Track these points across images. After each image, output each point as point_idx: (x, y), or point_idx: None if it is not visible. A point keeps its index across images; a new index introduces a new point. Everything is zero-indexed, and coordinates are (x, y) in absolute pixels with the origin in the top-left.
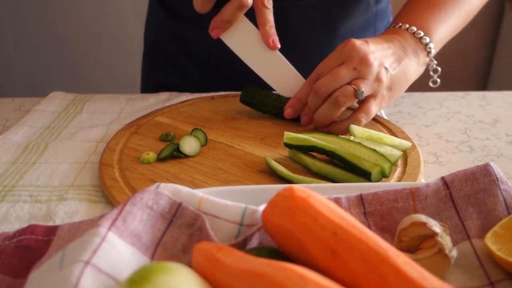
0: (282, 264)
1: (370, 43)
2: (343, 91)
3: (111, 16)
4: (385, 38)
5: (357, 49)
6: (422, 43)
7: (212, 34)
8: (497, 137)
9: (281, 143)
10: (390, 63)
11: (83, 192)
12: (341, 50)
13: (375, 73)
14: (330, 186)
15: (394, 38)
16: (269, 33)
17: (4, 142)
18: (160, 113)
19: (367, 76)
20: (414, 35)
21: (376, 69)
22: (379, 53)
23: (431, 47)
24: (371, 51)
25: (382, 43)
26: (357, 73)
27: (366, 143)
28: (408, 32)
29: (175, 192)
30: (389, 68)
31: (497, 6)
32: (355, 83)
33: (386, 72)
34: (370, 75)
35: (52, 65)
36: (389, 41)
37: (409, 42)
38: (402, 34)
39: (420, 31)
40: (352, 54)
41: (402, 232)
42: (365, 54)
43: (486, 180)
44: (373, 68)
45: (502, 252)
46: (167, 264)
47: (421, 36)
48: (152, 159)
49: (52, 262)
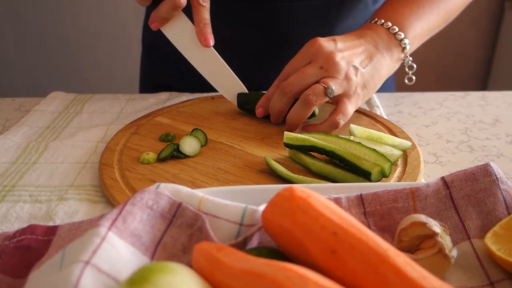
0: (282, 264)
1: (338, 41)
2: (313, 90)
3: (111, 16)
4: (356, 35)
5: (323, 48)
6: (397, 38)
7: (152, 26)
8: (497, 137)
9: (281, 143)
10: (360, 60)
11: (83, 192)
12: (307, 49)
13: (343, 71)
14: (330, 186)
15: (367, 34)
16: (203, 31)
17: (4, 142)
18: (160, 113)
19: (335, 75)
20: (389, 30)
21: (344, 68)
22: (347, 52)
23: (406, 43)
24: (338, 50)
25: (353, 40)
26: (324, 72)
27: (366, 143)
28: (383, 27)
29: (175, 192)
30: (358, 66)
31: (497, 6)
32: (324, 81)
33: (356, 70)
34: (338, 73)
35: (52, 65)
36: (361, 37)
37: (382, 38)
38: (376, 30)
39: (395, 26)
40: (318, 53)
41: (402, 232)
42: (331, 53)
43: (486, 180)
44: (340, 66)
45: (502, 252)
46: (167, 264)
47: (395, 32)
48: (152, 159)
49: (52, 262)
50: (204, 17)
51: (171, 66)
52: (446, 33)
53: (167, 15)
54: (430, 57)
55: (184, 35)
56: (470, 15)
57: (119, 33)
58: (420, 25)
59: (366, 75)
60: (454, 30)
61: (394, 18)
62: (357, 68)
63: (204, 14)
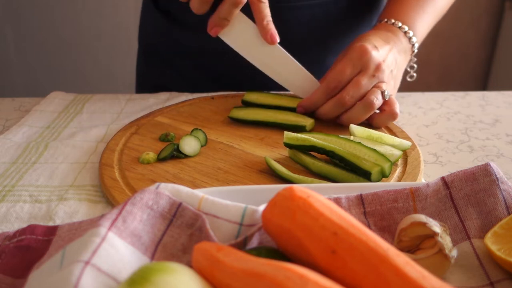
0: (282, 264)
1: (379, 48)
2: (374, 94)
3: (111, 16)
4: (383, 39)
5: (374, 58)
6: (411, 43)
7: (211, 32)
8: (497, 137)
9: (281, 143)
10: (394, 65)
11: (83, 192)
12: (358, 58)
13: (387, 77)
14: (330, 186)
15: (390, 39)
16: (267, 28)
17: (4, 142)
18: (160, 113)
19: (384, 80)
20: (405, 34)
21: (387, 74)
22: (387, 59)
23: (416, 46)
24: (383, 59)
25: (384, 46)
26: (376, 79)
27: (366, 143)
28: (400, 30)
29: (175, 192)
30: (393, 70)
31: (497, 6)
32: (379, 85)
33: (391, 73)
34: (386, 79)
35: (52, 65)
36: (388, 42)
37: (402, 42)
38: (396, 33)
39: (410, 30)
40: (369, 63)
41: (402, 232)
42: (380, 63)
43: (486, 180)
44: (386, 73)
45: (502, 252)
46: (167, 264)
47: (410, 36)
48: (152, 159)
49: (52, 262)
50: (266, 13)
51: (168, 66)
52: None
53: (227, 15)
54: (430, 57)
55: (246, 36)
56: (470, 15)
57: (119, 33)
58: (424, 29)
59: (396, 76)
60: (455, 30)
61: (406, 20)
62: (392, 72)
63: (265, 11)
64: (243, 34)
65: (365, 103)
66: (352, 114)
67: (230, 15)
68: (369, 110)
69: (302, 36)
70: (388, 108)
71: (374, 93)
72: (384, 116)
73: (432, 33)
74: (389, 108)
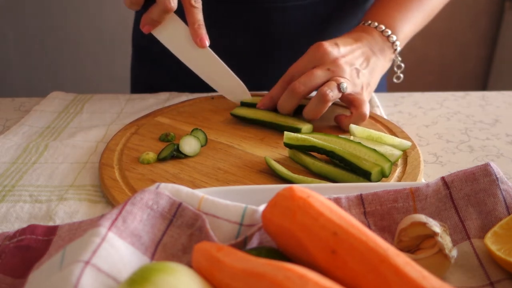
0: (282, 264)
1: (340, 45)
2: (328, 86)
3: (111, 16)
4: (354, 38)
5: (329, 53)
6: (389, 41)
7: (143, 30)
8: (497, 137)
9: (281, 143)
10: (360, 62)
11: (83, 192)
12: (313, 54)
13: (348, 73)
14: (330, 186)
15: (363, 37)
16: (197, 32)
17: (4, 142)
18: (160, 113)
19: (342, 75)
20: (382, 33)
21: (348, 70)
22: (349, 56)
23: (397, 44)
24: (342, 55)
25: (352, 44)
26: (331, 73)
27: (366, 143)
28: (377, 30)
29: (175, 192)
30: (359, 68)
31: (497, 6)
32: (335, 79)
33: (357, 71)
34: (344, 74)
35: (52, 65)
36: (358, 41)
37: (377, 41)
38: (371, 33)
39: (388, 29)
40: (324, 58)
41: (402, 232)
42: (336, 58)
43: (486, 180)
44: (345, 68)
45: (502, 252)
46: (167, 264)
47: (388, 35)
48: (152, 159)
49: (52, 262)
50: (197, 18)
51: (161, 67)
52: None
53: (158, 18)
54: (430, 57)
55: (178, 37)
56: (470, 15)
57: (119, 33)
58: (408, 27)
59: (366, 75)
60: (454, 30)
61: (386, 21)
62: (359, 69)
63: (197, 15)
64: (176, 34)
65: (319, 95)
66: (308, 107)
67: (160, 19)
68: (323, 101)
69: (291, 37)
70: (355, 110)
71: (328, 85)
72: (352, 119)
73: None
74: (356, 111)
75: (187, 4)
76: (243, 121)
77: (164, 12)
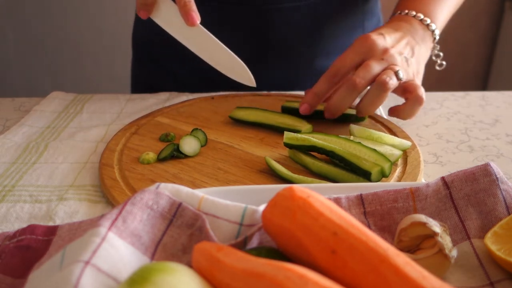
0: (282, 264)
1: (386, 35)
2: (386, 73)
3: (111, 16)
4: (394, 28)
5: (377, 44)
6: (429, 29)
7: (140, 15)
8: (497, 137)
9: (281, 143)
10: (407, 52)
11: (83, 192)
12: (359, 46)
13: (399, 63)
14: (330, 186)
15: (403, 27)
16: (184, 9)
17: (4, 142)
18: (160, 113)
19: (396, 63)
20: (422, 22)
21: (399, 59)
22: (397, 46)
23: (436, 33)
24: (390, 45)
25: (395, 34)
26: (385, 62)
27: (366, 143)
28: (415, 19)
29: (175, 192)
30: (408, 57)
31: (497, 6)
32: (391, 67)
33: (407, 60)
34: (397, 62)
35: (52, 65)
36: (399, 30)
37: (417, 29)
38: (410, 22)
39: (426, 18)
40: (374, 49)
41: (402, 232)
42: (386, 48)
43: (486, 180)
44: (397, 57)
45: (502, 252)
46: (167, 264)
47: (428, 23)
48: (152, 159)
49: (52, 262)
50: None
51: (161, 67)
52: (446, 33)
53: (145, 1)
54: (430, 57)
55: (173, 19)
56: (470, 15)
57: (119, 33)
58: (443, 15)
59: (415, 64)
60: (454, 30)
61: (423, 9)
62: (407, 58)
63: None
64: (170, 16)
65: (379, 83)
66: (367, 98)
67: (148, 1)
68: (383, 90)
69: (290, 37)
70: (410, 95)
71: (386, 73)
72: (410, 103)
73: None
74: (411, 95)
75: None
76: (243, 123)
77: None
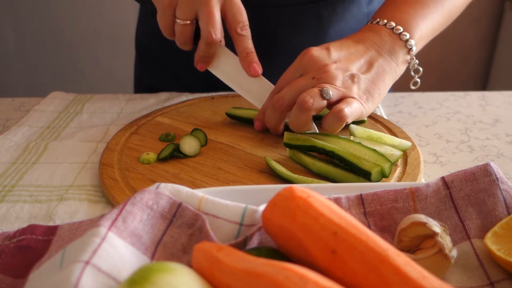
0: (282, 264)
1: (332, 49)
2: (307, 92)
3: (111, 16)
4: (356, 39)
5: (315, 60)
6: (402, 39)
7: (198, 68)
8: (497, 137)
9: (281, 143)
10: (359, 67)
11: (83, 192)
12: (299, 62)
13: (339, 80)
14: (330, 186)
15: (367, 37)
16: (246, 60)
17: (4, 142)
18: (160, 113)
19: (331, 81)
20: (393, 30)
21: (339, 77)
22: (343, 60)
23: (411, 44)
24: (332, 59)
25: (349, 47)
26: (316, 81)
27: (366, 143)
28: (386, 28)
29: (175, 192)
30: (357, 73)
31: (497, 6)
32: (318, 85)
33: (354, 77)
34: (333, 81)
35: (52, 65)
36: (360, 42)
37: (385, 40)
38: (378, 31)
39: (399, 26)
40: (310, 64)
41: (402, 232)
42: (325, 65)
43: (486, 180)
44: (334, 75)
45: (502, 252)
46: (167, 264)
47: (400, 32)
48: (152, 159)
49: (52, 262)
50: (245, 46)
51: (163, 68)
52: (446, 34)
53: (206, 53)
54: (430, 57)
55: (231, 70)
56: (470, 15)
57: (119, 33)
58: (426, 25)
59: (367, 81)
60: (455, 31)
61: (398, 17)
62: (355, 75)
63: (245, 43)
64: (228, 67)
65: (297, 103)
66: (291, 118)
67: (209, 53)
68: (303, 110)
69: (293, 40)
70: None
71: (309, 92)
72: (329, 116)
73: None
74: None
75: (234, 33)
76: (241, 121)
77: (209, 45)
